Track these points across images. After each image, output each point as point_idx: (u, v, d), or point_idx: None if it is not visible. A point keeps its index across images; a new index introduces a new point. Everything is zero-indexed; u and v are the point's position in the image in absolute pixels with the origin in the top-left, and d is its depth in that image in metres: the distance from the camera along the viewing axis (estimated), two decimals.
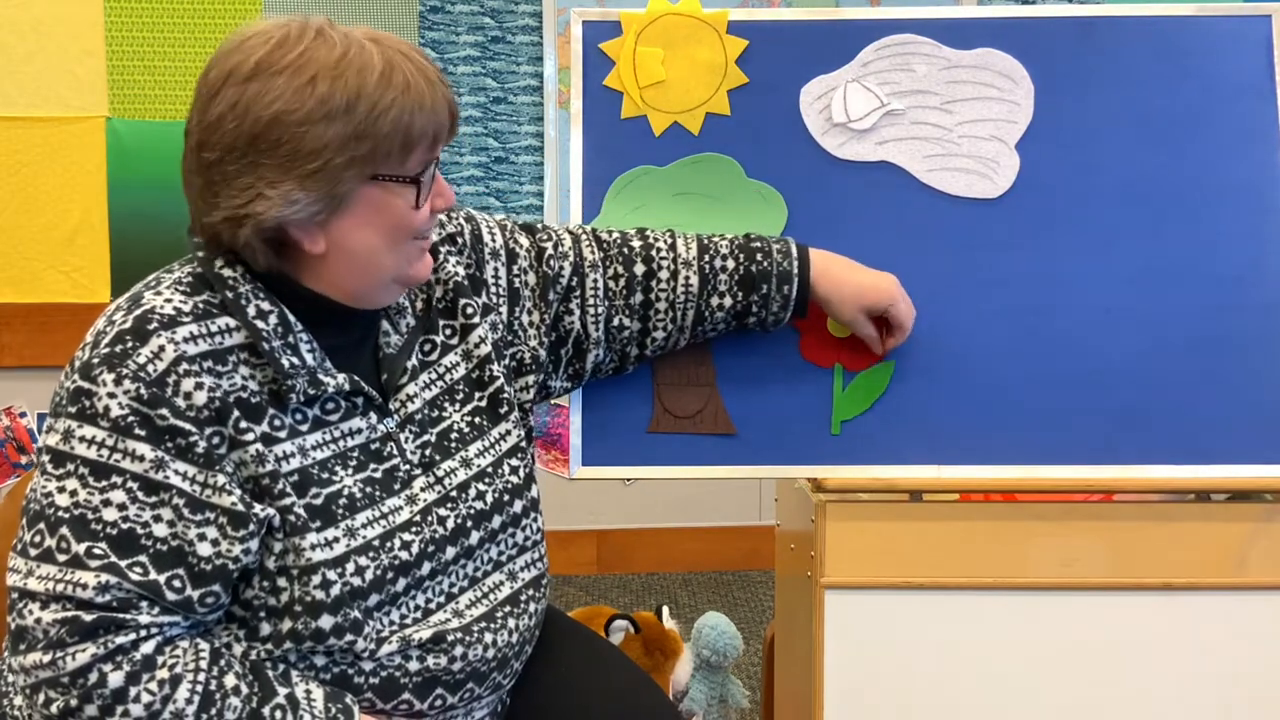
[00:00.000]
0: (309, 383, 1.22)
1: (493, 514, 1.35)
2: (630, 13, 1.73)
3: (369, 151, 1.18)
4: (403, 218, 1.24)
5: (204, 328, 1.19)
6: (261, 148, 1.16)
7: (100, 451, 1.13)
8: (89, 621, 1.11)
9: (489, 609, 1.34)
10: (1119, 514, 1.64)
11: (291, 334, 1.22)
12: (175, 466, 1.14)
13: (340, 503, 1.23)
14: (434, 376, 1.36)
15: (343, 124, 1.16)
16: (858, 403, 1.65)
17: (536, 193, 3.57)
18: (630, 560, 3.79)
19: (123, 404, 1.13)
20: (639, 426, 1.66)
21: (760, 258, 1.55)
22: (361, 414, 1.28)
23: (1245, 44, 1.70)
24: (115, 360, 1.14)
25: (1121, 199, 1.68)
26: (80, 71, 3.41)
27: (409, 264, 1.27)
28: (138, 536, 1.13)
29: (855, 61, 1.72)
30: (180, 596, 1.15)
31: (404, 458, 1.30)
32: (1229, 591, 1.63)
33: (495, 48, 3.54)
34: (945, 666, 1.64)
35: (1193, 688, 1.64)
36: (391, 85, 1.18)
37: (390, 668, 1.25)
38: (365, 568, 1.23)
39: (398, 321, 1.34)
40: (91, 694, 1.11)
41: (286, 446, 1.21)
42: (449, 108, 1.24)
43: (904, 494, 1.64)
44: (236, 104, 1.16)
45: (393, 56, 1.20)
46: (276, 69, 1.16)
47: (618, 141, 1.71)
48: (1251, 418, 1.64)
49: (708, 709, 2.46)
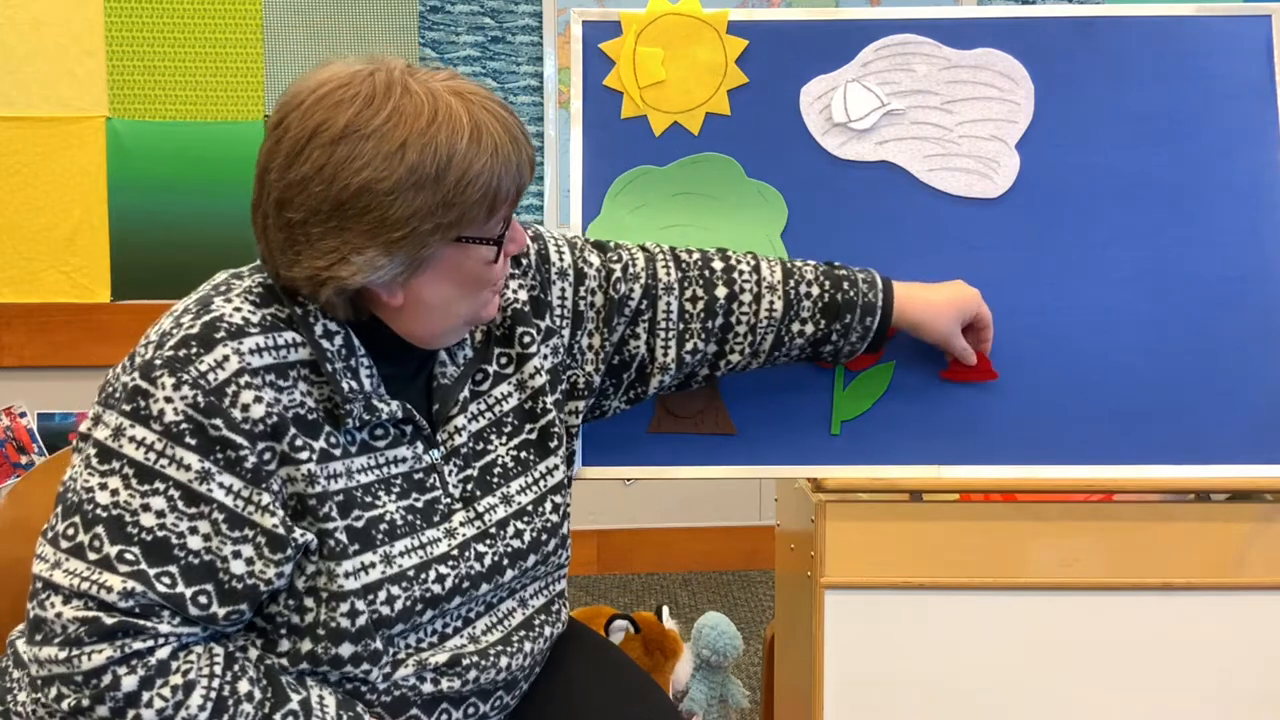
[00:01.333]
0: (365, 408, 1.22)
1: (529, 553, 1.35)
2: (630, 13, 1.73)
3: (456, 218, 1.17)
4: (481, 272, 1.24)
5: (270, 340, 1.18)
6: (349, 214, 1.15)
7: (148, 455, 1.13)
8: (109, 624, 1.11)
9: (504, 634, 1.34)
10: (1119, 514, 1.64)
11: (354, 357, 1.22)
12: (220, 479, 1.14)
13: (381, 528, 1.22)
14: (483, 408, 1.35)
15: (431, 193, 1.15)
16: (858, 403, 1.65)
17: (536, 193, 3.57)
18: (630, 560, 3.79)
19: (178, 409, 1.13)
20: (639, 426, 1.65)
21: (846, 286, 1.53)
22: (409, 443, 1.27)
23: (1245, 44, 1.70)
24: (178, 365, 1.13)
25: (1121, 199, 1.68)
26: (80, 71, 3.40)
27: (478, 312, 1.28)
28: (171, 546, 1.13)
29: (855, 61, 1.72)
30: (205, 612, 1.14)
31: (445, 490, 1.29)
32: (1228, 591, 1.63)
33: (495, 48, 3.54)
34: (945, 666, 1.64)
35: (1192, 688, 1.64)
36: (481, 150, 1.16)
37: (404, 688, 1.25)
38: (396, 597, 1.22)
39: (455, 353, 1.34)
40: (104, 695, 1.11)
41: (337, 466, 1.20)
42: (530, 163, 1.23)
43: (904, 494, 1.65)
44: (324, 168, 1.14)
45: (480, 117, 1.17)
46: (365, 132, 1.14)
47: (618, 141, 1.71)
48: (1251, 418, 1.64)
49: (708, 709, 2.46)
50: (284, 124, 1.17)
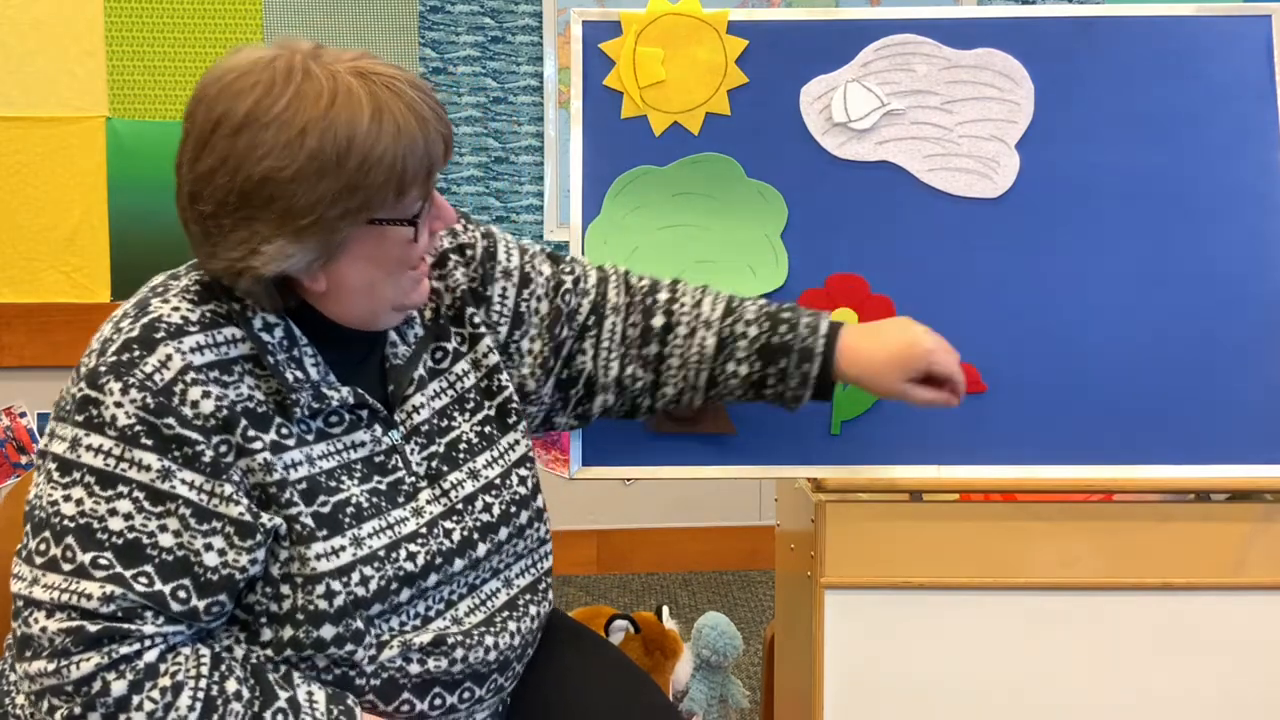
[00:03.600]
0: (313, 396, 1.22)
1: (499, 526, 1.35)
2: (630, 13, 1.73)
3: (363, 202, 1.16)
4: (403, 253, 1.23)
5: (210, 337, 1.18)
6: (255, 204, 1.14)
7: (107, 461, 1.13)
8: (93, 631, 1.12)
9: (488, 615, 1.34)
10: (1119, 514, 1.64)
11: (297, 347, 1.22)
12: (182, 476, 1.14)
13: (348, 511, 1.23)
14: (444, 385, 1.36)
15: (334, 178, 1.14)
16: (858, 403, 1.65)
17: (536, 193, 3.57)
18: (630, 560, 3.79)
19: (130, 413, 1.13)
20: (639, 426, 1.65)
21: (785, 329, 1.47)
22: (366, 427, 1.27)
23: (1245, 44, 1.70)
24: (122, 369, 1.14)
25: (1121, 199, 1.68)
26: (80, 71, 3.40)
27: (406, 294, 1.27)
28: (143, 546, 1.13)
29: (855, 61, 1.72)
30: (185, 607, 1.15)
31: (409, 470, 1.30)
32: (1228, 591, 1.63)
33: (495, 48, 3.54)
34: (945, 666, 1.64)
35: (1193, 688, 1.64)
36: (383, 132, 1.15)
37: (391, 670, 1.25)
38: (370, 577, 1.22)
39: (405, 333, 1.34)
40: (95, 702, 1.12)
41: (294, 455, 1.21)
42: (443, 140, 1.21)
43: (904, 494, 1.64)
44: (227, 159, 1.13)
45: (382, 97, 1.16)
46: (265, 120, 1.13)
47: (618, 141, 1.71)
48: (1251, 418, 1.64)
49: (708, 709, 2.46)
50: (192, 116, 1.17)
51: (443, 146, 1.21)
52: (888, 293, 1.67)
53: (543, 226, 3.57)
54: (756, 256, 1.69)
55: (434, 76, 3.51)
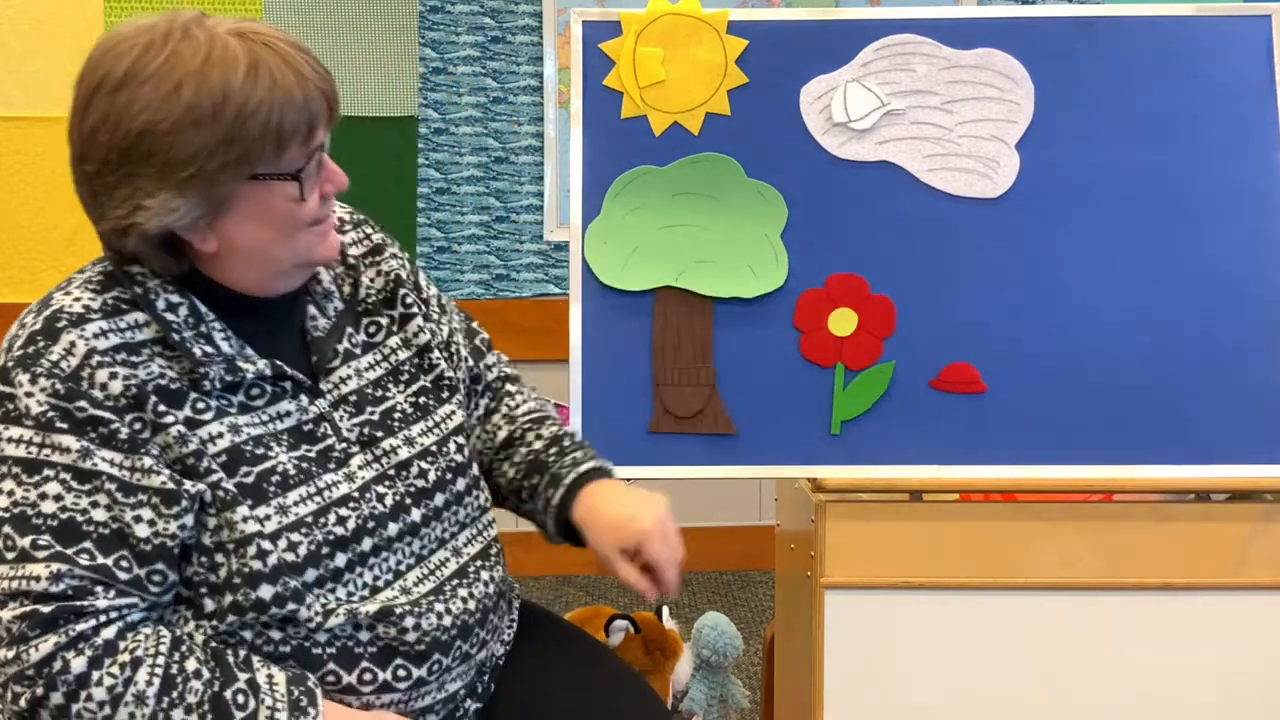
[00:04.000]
0: (227, 369, 1.23)
1: (435, 492, 1.36)
2: (630, 13, 1.73)
3: (241, 154, 1.17)
4: (289, 212, 1.23)
5: (114, 324, 1.20)
6: (134, 159, 1.16)
7: (29, 449, 1.15)
8: (47, 613, 1.13)
9: (438, 584, 1.34)
10: (1119, 514, 1.64)
11: (204, 323, 1.23)
12: (101, 454, 1.16)
13: (273, 480, 1.24)
14: (379, 358, 1.37)
15: (210, 130, 1.15)
16: (858, 403, 1.65)
17: (536, 193, 3.57)
18: None
19: (41, 401, 1.15)
20: (639, 426, 1.66)
21: (557, 453, 1.46)
22: (290, 397, 1.28)
23: (1245, 44, 1.71)
24: (29, 360, 1.17)
25: (1121, 199, 1.68)
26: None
27: (310, 250, 1.27)
28: (79, 524, 1.15)
29: (855, 61, 1.72)
30: (130, 576, 1.16)
31: (339, 436, 1.31)
32: (1228, 591, 1.63)
33: (495, 48, 3.54)
34: (945, 666, 1.64)
35: (1192, 688, 1.64)
36: (258, 84, 1.16)
37: (343, 638, 1.26)
38: (298, 544, 1.23)
39: (324, 306, 1.35)
40: (56, 681, 1.13)
41: (214, 428, 1.22)
42: (323, 96, 1.22)
43: (904, 494, 1.65)
44: (108, 116, 1.15)
45: (258, 52, 1.18)
46: (143, 78, 1.15)
47: (618, 141, 1.71)
48: (1251, 418, 1.64)
49: (708, 709, 2.46)
50: (79, 81, 1.19)
51: (324, 104, 1.22)
52: (888, 293, 1.67)
53: (543, 226, 3.57)
54: (756, 256, 1.69)
55: (434, 76, 3.51)
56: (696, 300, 1.68)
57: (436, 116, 3.53)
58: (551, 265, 3.60)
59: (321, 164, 1.25)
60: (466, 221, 3.57)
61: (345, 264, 1.39)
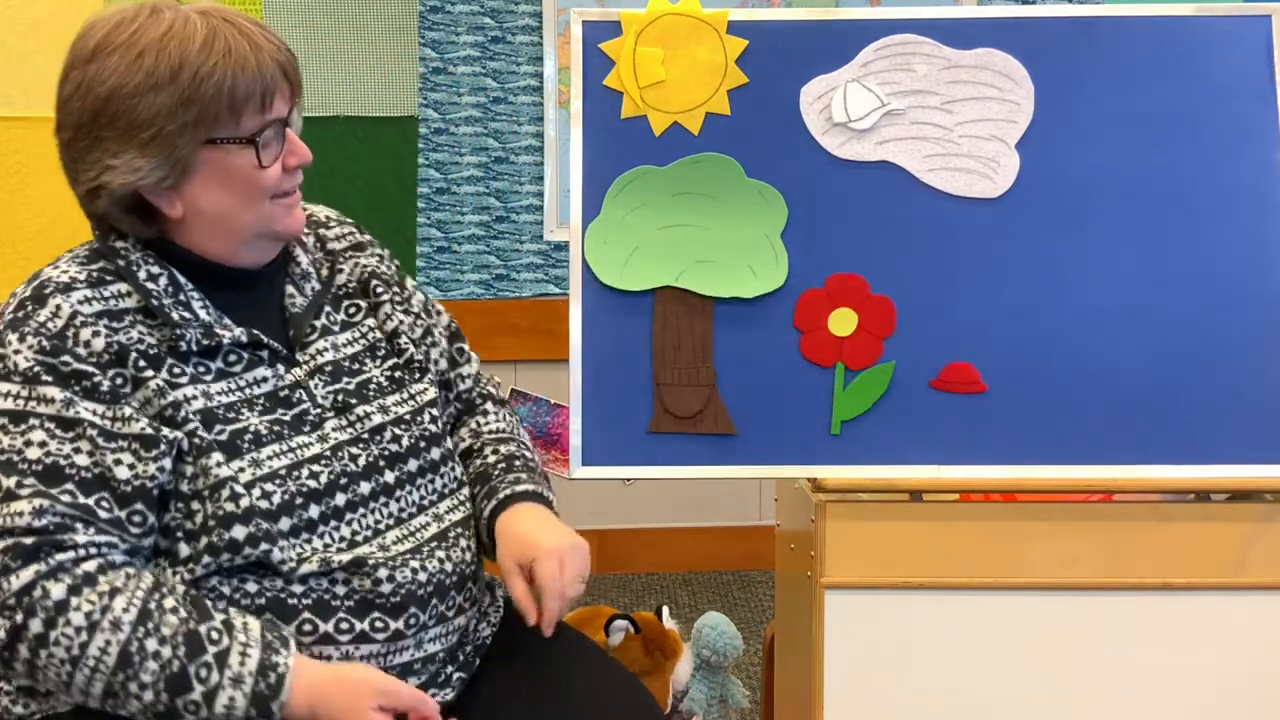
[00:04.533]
0: (204, 334, 1.31)
1: (408, 457, 1.40)
2: (630, 13, 1.73)
3: (197, 116, 1.27)
4: (249, 177, 1.31)
5: (98, 293, 1.29)
6: (102, 123, 1.27)
7: (16, 401, 1.23)
8: (29, 544, 1.19)
9: (416, 545, 1.37)
10: (1119, 514, 1.64)
11: (182, 293, 1.32)
12: (84, 405, 1.24)
13: (246, 438, 1.30)
14: (356, 335, 1.44)
15: (169, 93, 1.26)
16: (858, 403, 1.65)
17: (536, 193, 3.57)
18: (630, 560, 3.79)
19: (28, 357, 1.24)
20: (639, 426, 1.66)
21: (503, 469, 1.49)
22: (267, 365, 1.35)
23: (1245, 44, 1.70)
24: (18, 323, 1.26)
25: (1121, 199, 1.68)
26: None
27: (275, 220, 1.35)
28: (61, 468, 1.22)
29: (855, 61, 1.72)
30: (111, 515, 1.23)
31: (314, 402, 1.37)
32: (1228, 591, 1.63)
33: (495, 48, 3.54)
34: (945, 666, 1.64)
35: (1192, 688, 1.64)
36: (213, 52, 1.27)
37: (319, 590, 1.29)
38: (271, 493, 1.28)
39: (302, 285, 1.43)
40: (35, 608, 1.18)
41: (189, 390, 1.29)
42: (279, 66, 1.31)
43: (904, 494, 1.65)
44: (80, 85, 1.28)
45: (217, 25, 1.29)
46: (111, 48, 1.27)
47: (618, 141, 1.71)
48: (1251, 418, 1.64)
49: (708, 709, 2.46)
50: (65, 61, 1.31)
51: (281, 75, 1.32)
52: (888, 293, 1.67)
53: (543, 226, 3.57)
54: (756, 256, 1.69)
55: (434, 76, 3.51)
56: (696, 300, 1.68)
57: (436, 116, 3.53)
58: (551, 265, 3.60)
59: (286, 138, 1.34)
60: (466, 221, 3.57)
61: (324, 249, 1.48)
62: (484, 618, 1.46)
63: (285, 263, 1.42)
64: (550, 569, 1.37)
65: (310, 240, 1.48)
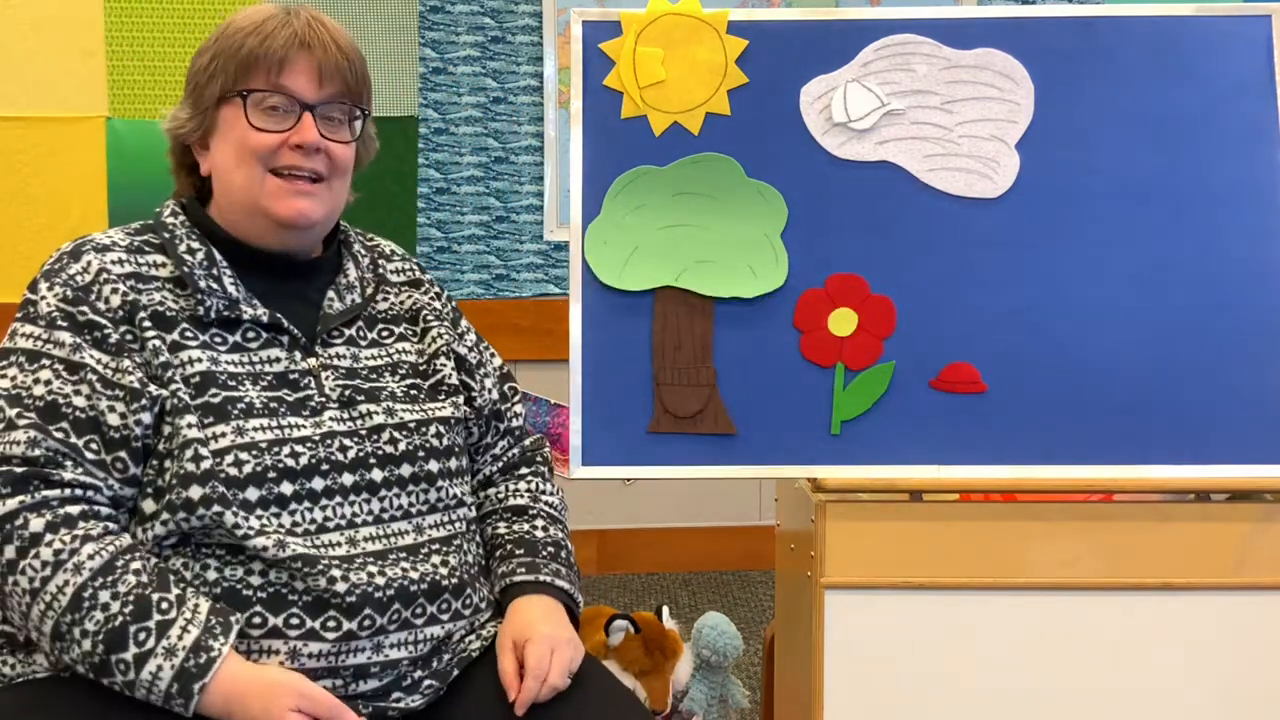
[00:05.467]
0: (226, 306, 1.38)
1: (402, 461, 1.42)
2: (630, 13, 1.73)
3: (218, 69, 1.41)
4: (242, 136, 1.41)
5: (133, 258, 1.40)
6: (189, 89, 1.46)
7: (35, 343, 1.34)
8: (20, 472, 1.27)
9: (385, 548, 1.38)
10: (1119, 514, 1.64)
11: (215, 268, 1.41)
12: (90, 353, 1.33)
13: (238, 407, 1.35)
14: (382, 353, 1.49)
15: (210, 53, 1.43)
16: (858, 403, 1.65)
17: (536, 193, 3.57)
18: (630, 560, 3.79)
19: (50, 304, 1.35)
20: (639, 426, 1.66)
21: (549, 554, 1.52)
22: (285, 350, 1.41)
23: (1245, 44, 1.70)
24: (52, 274, 1.38)
25: (1121, 199, 1.68)
26: (80, 71, 3.41)
27: (267, 196, 1.41)
28: (59, 406, 1.31)
29: (855, 61, 1.72)
30: (97, 458, 1.30)
31: (321, 392, 1.41)
32: (1228, 591, 1.63)
33: (495, 48, 3.54)
34: (945, 666, 1.64)
35: (1192, 688, 1.64)
36: (250, 21, 1.42)
37: (277, 585, 1.30)
38: (245, 462, 1.32)
39: (345, 295, 1.49)
40: (13, 535, 1.25)
41: (195, 353, 1.35)
42: (297, 40, 1.41)
43: (904, 494, 1.65)
44: None
45: (277, 11, 1.43)
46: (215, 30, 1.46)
47: (618, 141, 1.71)
48: (1251, 418, 1.64)
49: (708, 709, 2.46)
50: None
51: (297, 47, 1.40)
52: (888, 293, 1.67)
53: (543, 226, 3.58)
54: (756, 256, 1.69)
55: (434, 76, 3.52)
56: (696, 300, 1.68)
57: (436, 116, 3.53)
58: (551, 265, 3.60)
59: (301, 118, 1.41)
60: (466, 221, 3.58)
61: (376, 273, 1.54)
62: (474, 631, 1.45)
63: (335, 274, 1.50)
64: (540, 653, 1.38)
65: (365, 260, 1.54)
